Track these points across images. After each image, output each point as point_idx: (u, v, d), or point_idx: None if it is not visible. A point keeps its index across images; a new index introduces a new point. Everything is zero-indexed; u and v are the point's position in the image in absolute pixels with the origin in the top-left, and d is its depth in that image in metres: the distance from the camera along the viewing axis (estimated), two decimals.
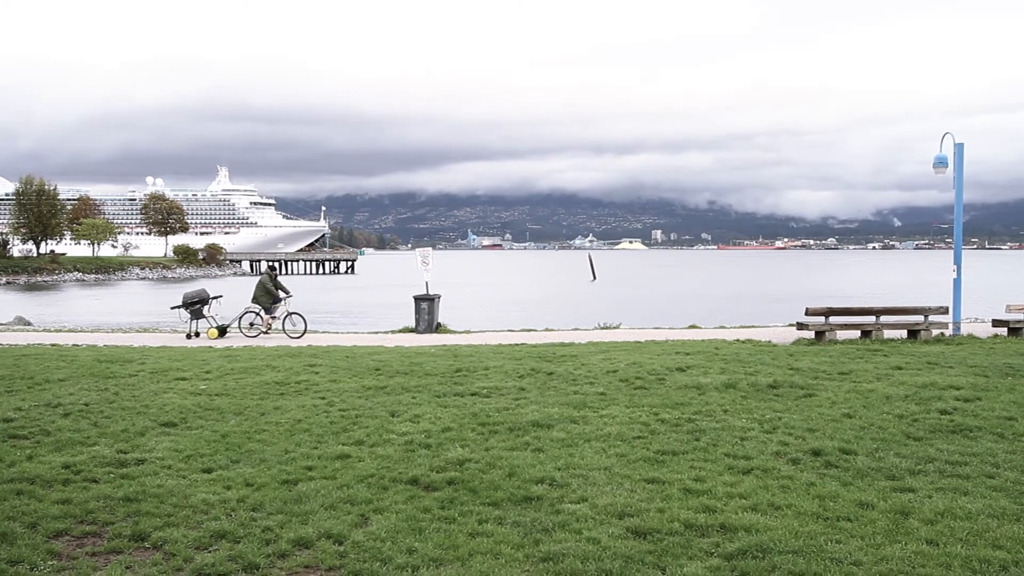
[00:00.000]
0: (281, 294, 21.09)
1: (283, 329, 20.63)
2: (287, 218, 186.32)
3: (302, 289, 74.45)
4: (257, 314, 20.89)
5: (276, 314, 20.95)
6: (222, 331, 20.26)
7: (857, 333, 17.77)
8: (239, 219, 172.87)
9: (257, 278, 21.55)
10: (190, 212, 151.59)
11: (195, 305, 20.61)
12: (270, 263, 21.60)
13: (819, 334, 17.18)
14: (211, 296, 21.06)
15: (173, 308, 21.51)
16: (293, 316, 20.76)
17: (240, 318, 20.86)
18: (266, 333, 20.63)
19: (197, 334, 20.28)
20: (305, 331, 20.52)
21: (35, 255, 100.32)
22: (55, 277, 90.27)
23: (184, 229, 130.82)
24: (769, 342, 16.92)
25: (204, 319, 20.64)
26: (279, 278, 21.81)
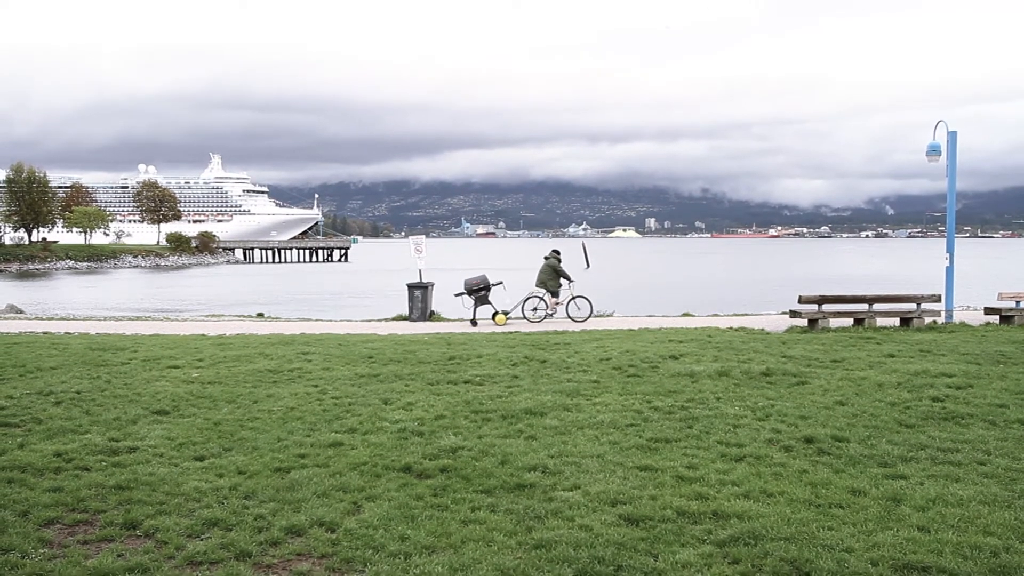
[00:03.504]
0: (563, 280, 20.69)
1: (567, 314, 20.39)
2: (280, 206, 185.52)
3: (295, 277, 74.73)
4: (541, 298, 20.62)
5: (560, 298, 20.64)
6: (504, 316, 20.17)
7: (850, 321, 17.81)
8: (232, 207, 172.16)
9: (543, 263, 20.99)
10: (183, 200, 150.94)
11: (479, 291, 20.36)
12: (554, 249, 21.36)
13: (812, 322, 17.21)
14: (492, 282, 20.70)
15: (457, 295, 21.03)
16: (578, 300, 20.51)
17: (524, 302, 20.61)
18: (551, 316, 20.39)
19: (475, 322, 20.01)
20: (591, 315, 20.24)
21: (27, 243, 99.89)
22: (47, 265, 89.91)
23: (177, 217, 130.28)
24: (762, 330, 16.95)
25: (486, 305, 20.43)
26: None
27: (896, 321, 17.87)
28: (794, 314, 17.80)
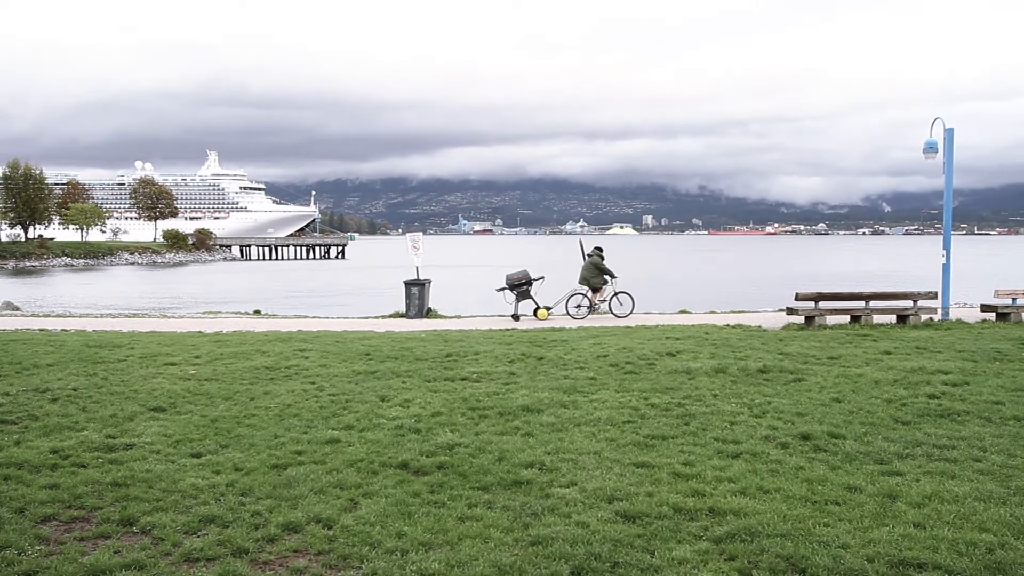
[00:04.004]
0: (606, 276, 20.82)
1: (610, 309, 20.49)
2: (277, 203, 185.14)
3: (292, 274, 74.69)
4: (584, 295, 20.69)
5: (603, 294, 20.74)
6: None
7: (846, 318, 17.84)
8: (229, 204, 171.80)
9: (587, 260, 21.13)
10: (179, 197, 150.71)
11: (522, 287, 20.39)
12: (597, 246, 21.61)
13: (809, 319, 17.23)
14: (533, 277, 20.70)
15: (499, 290, 21.07)
16: (620, 295, 20.63)
17: (568, 299, 20.65)
18: (595, 311, 20.50)
19: (517, 317, 20.01)
20: (632, 310, 20.36)
21: (23, 240, 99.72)
22: (43, 262, 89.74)
23: (173, 214, 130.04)
24: (759, 327, 16.96)
25: (528, 300, 20.46)
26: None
27: (893, 318, 17.89)
28: (791, 311, 17.83)
